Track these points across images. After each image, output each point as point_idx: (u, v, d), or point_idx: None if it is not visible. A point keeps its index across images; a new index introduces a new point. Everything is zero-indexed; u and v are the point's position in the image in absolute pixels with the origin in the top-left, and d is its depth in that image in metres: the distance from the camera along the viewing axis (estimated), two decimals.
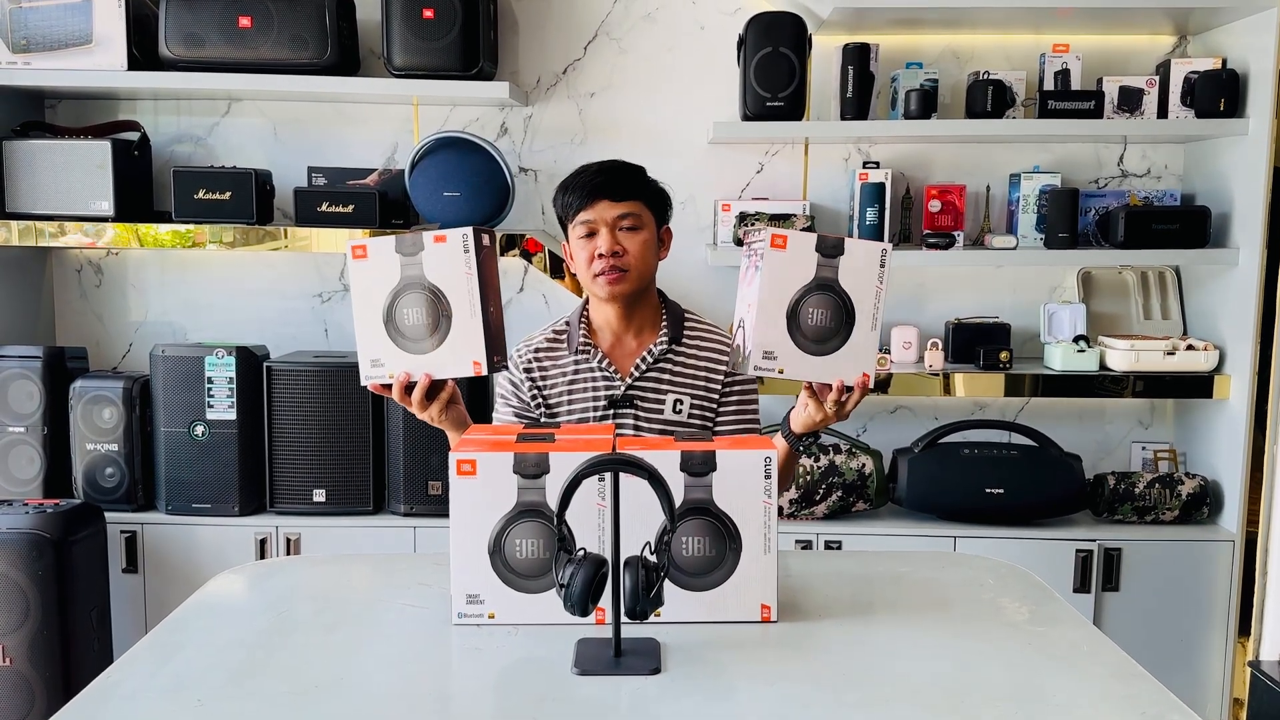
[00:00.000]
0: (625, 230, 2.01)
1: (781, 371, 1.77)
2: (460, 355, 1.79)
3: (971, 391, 3.14)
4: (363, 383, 1.83)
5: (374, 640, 1.55)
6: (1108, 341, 3.15)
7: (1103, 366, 3.14)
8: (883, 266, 1.77)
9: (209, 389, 3.04)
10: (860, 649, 1.51)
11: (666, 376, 2.07)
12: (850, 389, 1.80)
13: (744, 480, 1.56)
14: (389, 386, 1.83)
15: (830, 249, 1.76)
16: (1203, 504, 3.09)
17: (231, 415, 3.04)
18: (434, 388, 1.84)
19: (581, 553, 1.43)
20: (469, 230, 1.76)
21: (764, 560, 1.57)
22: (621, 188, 2.01)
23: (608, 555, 1.46)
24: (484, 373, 1.79)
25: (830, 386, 1.81)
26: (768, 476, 1.56)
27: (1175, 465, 3.34)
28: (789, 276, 1.76)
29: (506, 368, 1.85)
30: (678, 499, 1.55)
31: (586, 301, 2.15)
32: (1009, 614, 1.64)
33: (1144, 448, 3.41)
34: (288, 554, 3.03)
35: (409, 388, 1.83)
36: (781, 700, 1.34)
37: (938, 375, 3.11)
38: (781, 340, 1.76)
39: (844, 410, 1.83)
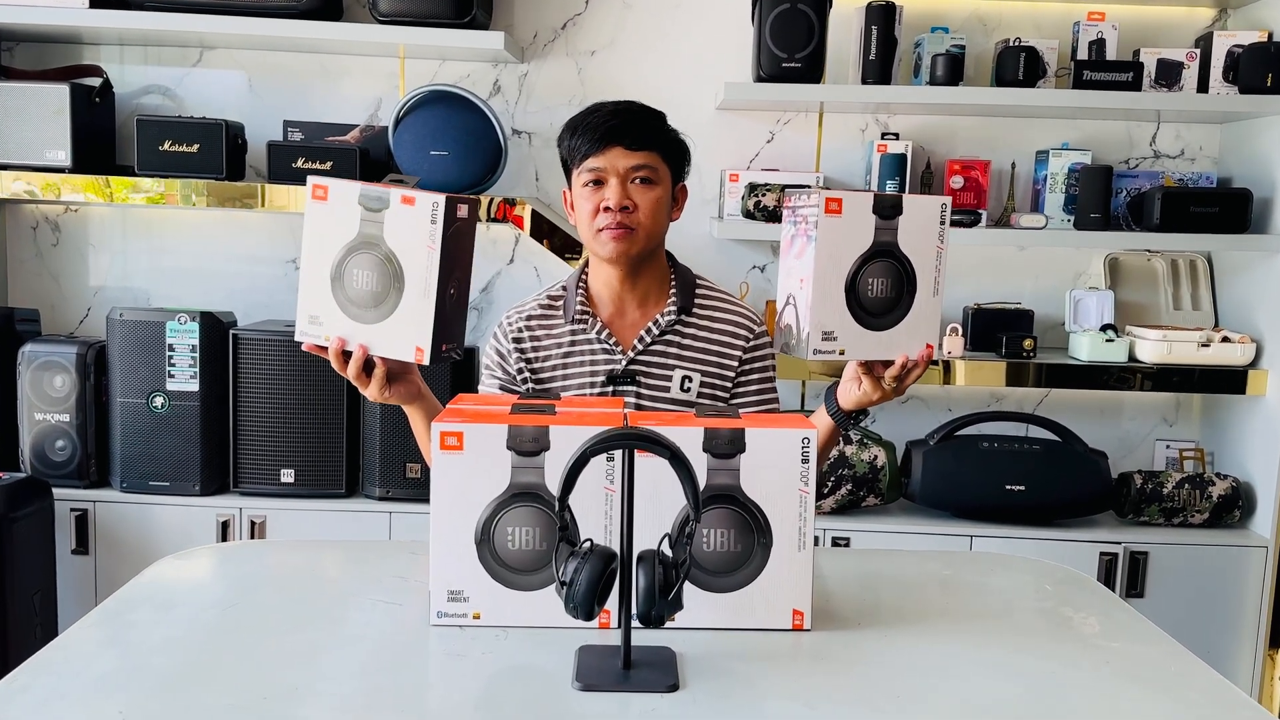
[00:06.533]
0: (638, 184, 1.78)
1: (843, 353, 1.56)
2: (403, 336, 1.55)
3: (991, 381, 2.94)
4: (297, 337, 1.58)
5: (338, 642, 1.33)
6: (1137, 331, 2.96)
7: (1131, 358, 2.94)
8: (943, 224, 1.56)
9: (170, 357, 2.80)
10: (908, 664, 1.29)
11: (674, 350, 1.85)
12: (914, 363, 1.60)
13: (778, 464, 1.34)
14: (325, 349, 1.60)
15: (889, 209, 1.54)
16: (1234, 507, 2.90)
17: (194, 386, 2.81)
18: (371, 361, 1.61)
19: (587, 545, 1.21)
20: (441, 199, 1.50)
21: (798, 559, 1.35)
22: (639, 134, 1.77)
23: (617, 549, 1.24)
24: (425, 362, 1.54)
25: (888, 362, 1.60)
26: (805, 461, 1.34)
27: (1203, 465, 3.15)
28: (845, 244, 1.55)
29: (456, 358, 1.62)
30: (699, 484, 1.33)
31: (586, 264, 1.92)
32: (1076, 625, 1.42)
33: (1168, 446, 3.22)
34: (252, 538, 2.80)
35: (346, 356, 1.60)
36: None
37: (949, 363, 2.90)
38: (841, 318, 1.56)
39: (903, 386, 1.62)
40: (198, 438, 2.82)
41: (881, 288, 1.56)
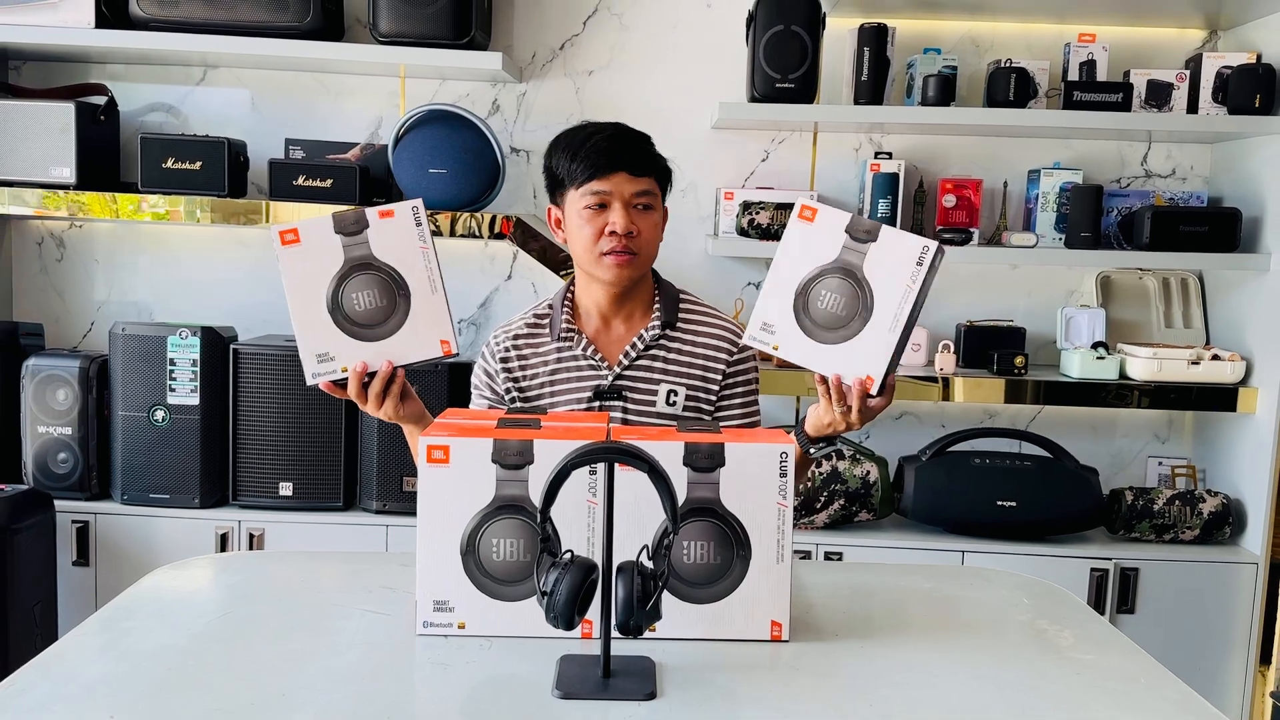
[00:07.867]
0: (640, 209, 1.81)
1: (776, 349, 1.62)
2: (424, 336, 1.63)
3: (984, 398, 2.96)
4: (310, 381, 1.64)
5: (326, 651, 1.36)
6: (1128, 349, 2.98)
7: (1122, 375, 2.96)
8: (919, 265, 1.54)
9: (171, 371, 2.84)
10: (884, 675, 1.32)
11: (659, 365, 1.88)
12: (849, 389, 1.61)
13: (756, 478, 1.37)
14: (340, 383, 1.65)
15: (863, 234, 1.58)
16: (1225, 524, 2.92)
17: (195, 400, 2.84)
18: (392, 376, 1.68)
19: (568, 556, 1.24)
20: (418, 202, 1.63)
21: (776, 571, 1.38)
22: (641, 160, 1.81)
23: (598, 560, 1.27)
24: (454, 351, 1.64)
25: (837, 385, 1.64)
26: (783, 475, 1.37)
27: (1194, 482, 3.17)
28: (809, 251, 1.60)
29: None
30: (679, 497, 1.36)
31: (571, 282, 1.95)
32: (1051, 638, 1.45)
33: (1160, 463, 3.23)
34: (250, 550, 2.83)
35: (365, 382, 1.65)
36: None
37: (948, 379, 2.92)
38: (784, 316, 1.61)
39: (851, 416, 1.63)
40: (198, 451, 2.85)
41: (834, 303, 1.59)
